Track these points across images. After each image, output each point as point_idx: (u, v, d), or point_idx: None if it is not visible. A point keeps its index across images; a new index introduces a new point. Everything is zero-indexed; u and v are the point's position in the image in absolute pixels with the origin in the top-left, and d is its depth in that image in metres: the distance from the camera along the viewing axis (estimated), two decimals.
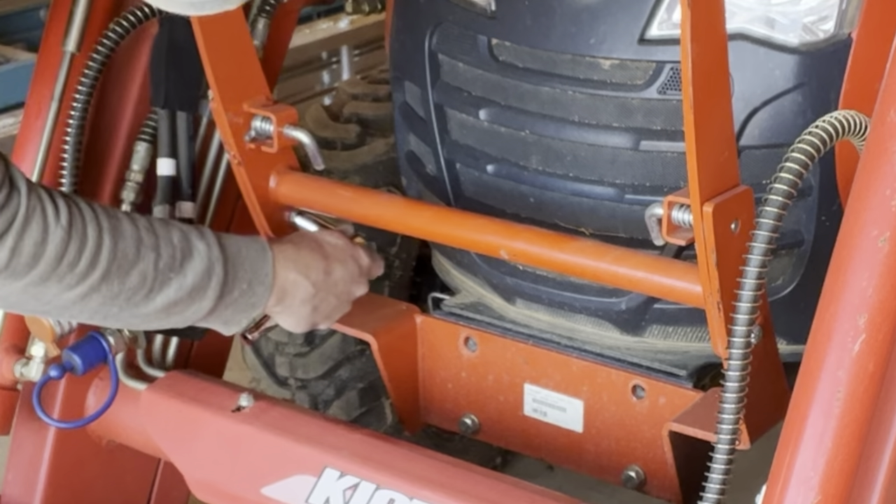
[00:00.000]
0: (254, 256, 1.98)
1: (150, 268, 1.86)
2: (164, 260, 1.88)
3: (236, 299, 1.96)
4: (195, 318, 1.94)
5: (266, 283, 1.99)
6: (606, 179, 2.08)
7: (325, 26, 4.84)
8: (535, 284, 2.22)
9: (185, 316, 1.93)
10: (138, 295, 1.86)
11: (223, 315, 1.96)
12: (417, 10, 2.25)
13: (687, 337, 2.16)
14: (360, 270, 2.13)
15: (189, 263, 1.90)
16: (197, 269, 1.90)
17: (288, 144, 2.15)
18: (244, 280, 1.96)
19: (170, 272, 1.88)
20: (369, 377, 2.77)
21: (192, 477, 2.18)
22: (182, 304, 1.90)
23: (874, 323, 1.60)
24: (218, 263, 1.92)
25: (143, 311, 1.88)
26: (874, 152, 1.64)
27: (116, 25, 2.20)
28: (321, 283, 2.07)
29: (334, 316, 2.13)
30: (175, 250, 1.89)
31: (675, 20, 1.98)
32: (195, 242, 1.92)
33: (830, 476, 1.60)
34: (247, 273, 1.96)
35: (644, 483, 2.16)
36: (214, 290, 1.92)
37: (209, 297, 1.92)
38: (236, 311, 1.98)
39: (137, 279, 1.85)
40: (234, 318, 1.98)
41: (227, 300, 1.95)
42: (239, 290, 1.96)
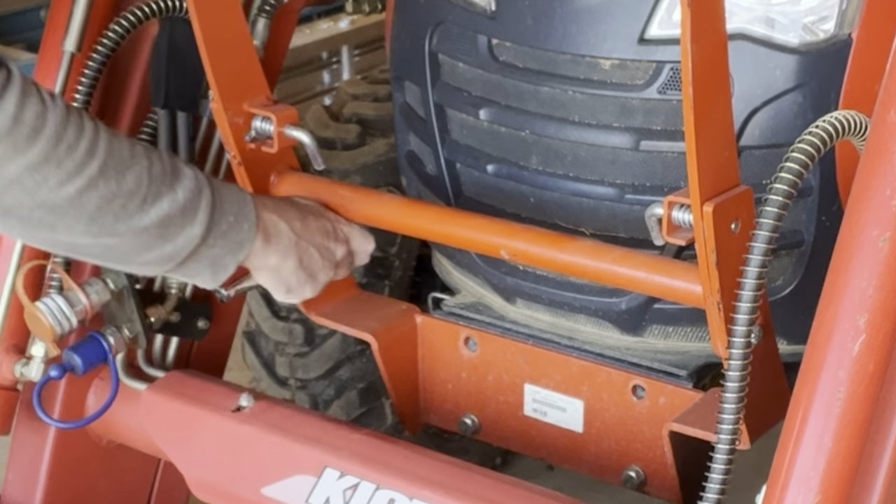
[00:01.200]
0: (235, 192, 1.94)
1: (145, 173, 1.80)
2: (156, 169, 1.82)
3: (225, 232, 1.90)
4: (187, 250, 1.87)
5: (251, 218, 1.93)
6: (606, 179, 2.08)
7: (326, 26, 4.84)
8: (535, 284, 2.22)
9: (176, 243, 1.86)
10: (134, 201, 1.79)
11: (212, 252, 1.90)
12: (417, 10, 2.25)
13: (687, 337, 2.16)
14: (336, 229, 2.09)
15: (178, 181, 1.85)
16: (187, 186, 1.85)
17: (288, 144, 2.15)
18: (230, 212, 1.91)
19: (161, 184, 1.82)
20: (369, 377, 2.77)
21: (192, 477, 2.18)
22: (175, 222, 1.84)
23: (874, 323, 1.60)
24: (206, 187, 1.88)
25: (139, 223, 1.81)
26: (874, 152, 1.64)
27: (116, 25, 2.20)
28: (300, 229, 2.02)
29: (319, 278, 2.06)
30: (165, 164, 1.84)
31: (675, 20, 1.98)
32: (180, 165, 1.88)
33: (830, 476, 1.60)
34: (232, 206, 1.91)
35: (644, 483, 2.16)
36: (205, 214, 1.86)
37: (201, 221, 1.86)
38: (225, 249, 1.91)
39: (133, 182, 1.79)
40: (222, 258, 1.91)
41: (216, 231, 1.89)
42: (227, 223, 1.90)
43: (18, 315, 2.21)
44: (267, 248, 1.97)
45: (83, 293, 2.12)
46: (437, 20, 2.21)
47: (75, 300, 2.12)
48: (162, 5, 2.21)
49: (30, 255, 2.22)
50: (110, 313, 2.20)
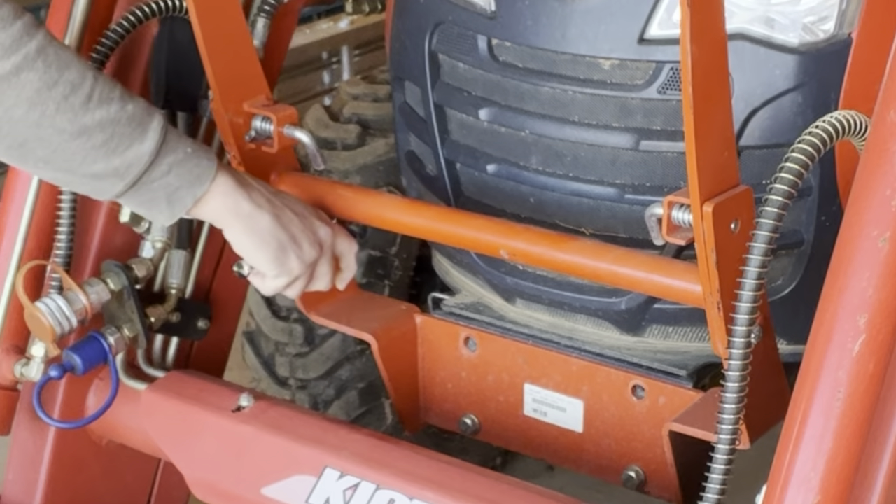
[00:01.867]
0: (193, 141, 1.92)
1: (90, 73, 1.79)
2: (104, 79, 1.81)
3: (181, 161, 1.86)
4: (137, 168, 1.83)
5: (210, 156, 1.90)
6: (606, 179, 2.08)
7: (326, 26, 4.84)
8: (535, 284, 2.22)
9: (125, 157, 1.82)
10: (77, 95, 1.77)
11: (166, 180, 1.85)
12: (417, 11, 2.26)
13: (687, 337, 2.16)
14: (315, 228, 2.03)
15: (130, 98, 1.83)
16: (139, 103, 1.83)
17: (288, 144, 2.15)
18: (188, 144, 1.88)
19: (111, 92, 1.81)
20: (369, 377, 2.77)
21: (192, 477, 2.18)
22: (122, 133, 1.81)
23: (874, 323, 1.60)
24: (158, 113, 1.86)
25: (82, 120, 1.78)
26: (874, 152, 1.64)
27: (116, 25, 2.19)
28: (273, 191, 1.99)
29: (304, 248, 1.99)
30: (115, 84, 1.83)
31: (675, 20, 1.98)
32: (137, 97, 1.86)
33: (830, 476, 1.60)
34: (189, 140, 1.89)
35: (644, 483, 2.16)
36: (157, 132, 1.84)
37: (151, 138, 1.83)
38: (181, 180, 1.87)
39: (76, 75, 1.77)
40: (178, 190, 1.87)
41: (170, 158, 1.85)
42: (183, 152, 1.87)
43: (18, 315, 2.21)
44: (237, 192, 1.92)
45: (83, 293, 2.12)
46: (437, 20, 2.22)
47: (75, 300, 2.12)
48: (162, 5, 2.21)
49: (30, 255, 2.23)
50: (110, 313, 2.20)
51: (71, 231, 2.20)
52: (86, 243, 2.28)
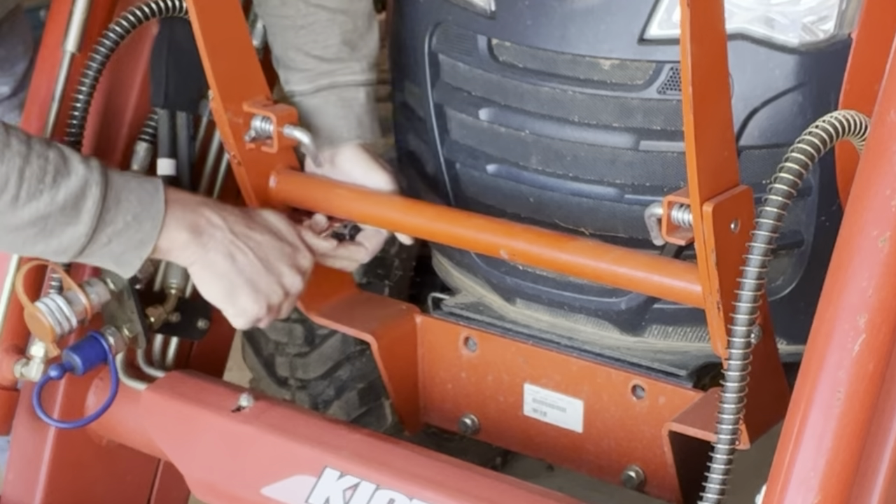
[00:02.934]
0: (142, 190, 1.94)
1: (15, 173, 1.83)
2: (32, 169, 1.85)
3: (120, 231, 1.91)
4: (76, 247, 1.89)
5: (156, 218, 1.93)
6: (606, 179, 2.08)
7: None
8: (535, 284, 2.22)
9: (62, 240, 1.89)
10: (1, 201, 1.83)
11: (108, 249, 1.91)
12: (417, 11, 2.26)
13: (687, 337, 2.16)
14: (297, 257, 2.08)
15: (63, 180, 1.87)
16: (71, 186, 1.87)
17: (288, 144, 2.15)
18: (128, 212, 1.91)
19: (39, 184, 1.85)
20: (369, 377, 2.77)
21: (192, 477, 2.18)
22: (55, 222, 1.87)
23: (874, 323, 1.60)
24: (96, 186, 1.89)
25: (12, 221, 1.85)
26: (874, 152, 1.64)
27: (116, 25, 2.19)
28: (240, 232, 2.02)
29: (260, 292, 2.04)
30: (48, 164, 1.86)
31: (674, 20, 1.98)
32: (74, 163, 1.89)
33: (830, 476, 1.60)
34: (132, 205, 1.92)
35: (644, 483, 2.16)
36: (90, 214, 1.88)
37: (84, 221, 1.88)
38: (124, 247, 1.92)
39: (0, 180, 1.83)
40: (122, 255, 1.93)
41: (109, 230, 1.90)
42: (123, 222, 1.91)
43: (18, 315, 2.21)
44: (189, 244, 1.98)
45: (83, 293, 2.12)
46: (436, 20, 2.22)
47: (75, 300, 2.12)
48: (162, 5, 2.20)
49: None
50: (110, 313, 2.19)
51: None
52: None
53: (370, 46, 2.19)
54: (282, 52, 2.18)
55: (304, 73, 2.16)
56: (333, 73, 2.16)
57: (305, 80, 2.16)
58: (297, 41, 2.16)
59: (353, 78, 2.17)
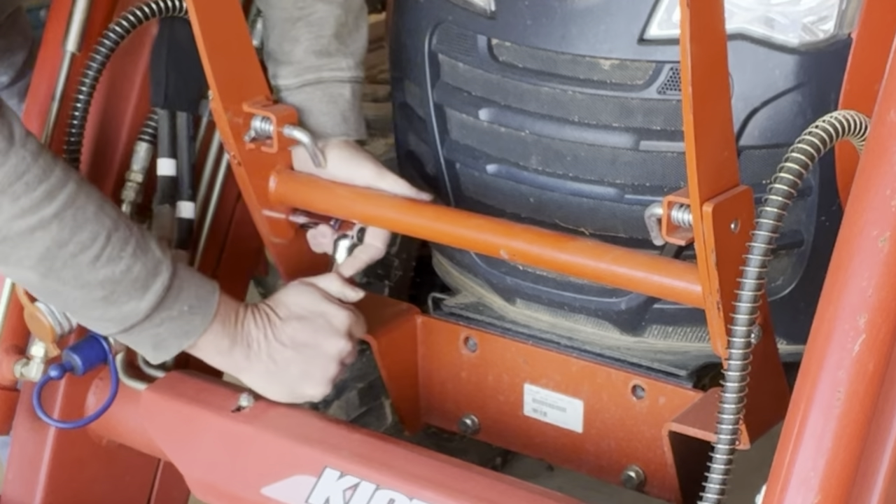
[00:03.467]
0: (201, 287, 2.01)
1: (104, 234, 1.89)
2: (118, 235, 1.91)
3: (174, 318, 1.98)
4: (131, 321, 1.96)
5: (207, 315, 2.00)
6: (606, 179, 2.08)
7: None
8: (535, 284, 2.22)
9: (122, 310, 1.94)
10: (86, 255, 1.88)
11: (156, 331, 1.98)
12: (417, 10, 2.26)
13: (687, 337, 2.16)
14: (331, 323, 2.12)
15: (141, 254, 1.93)
16: (148, 262, 1.93)
17: (288, 144, 2.15)
18: (185, 301, 1.98)
19: (121, 251, 1.91)
20: (369, 377, 2.77)
21: (192, 477, 2.18)
22: (122, 290, 1.92)
23: (874, 323, 1.60)
24: (166, 270, 1.95)
25: (85, 276, 1.90)
26: (874, 152, 1.64)
27: (116, 25, 2.19)
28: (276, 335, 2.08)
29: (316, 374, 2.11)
30: (132, 235, 1.93)
31: (674, 20, 1.98)
32: (153, 244, 1.96)
33: (830, 476, 1.60)
34: (190, 297, 1.99)
35: (644, 483, 2.16)
36: (156, 294, 1.94)
37: (149, 299, 1.94)
38: (170, 333, 1.99)
39: (89, 236, 1.88)
40: (165, 340, 2.00)
41: (164, 314, 1.97)
42: (178, 310, 1.98)
43: (18, 315, 2.21)
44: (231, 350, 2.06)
45: None
46: (436, 20, 2.22)
47: None
48: (162, 5, 2.20)
49: None
50: None
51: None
52: None
53: (358, 44, 2.20)
54: (276, 45, 2.18)
55: (293, 67, 2.17)
56: (321, 67, 2.17)
57: (293, 74, 2.17)
58: (293, 32, 2.16)
59: (340, 74, 2.18)
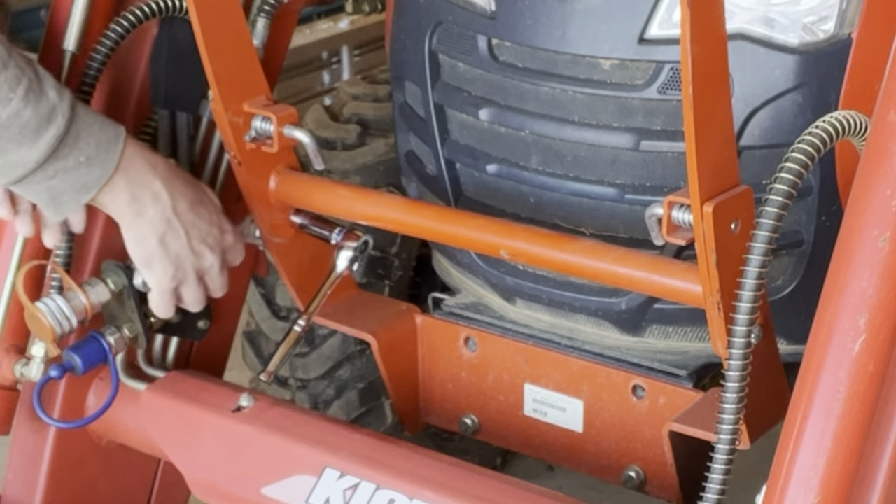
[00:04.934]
0: (103, 134, 1.90)
1: None
2: (6, 76, 1.78)
3: (69, 169, 1.86)
4: (20, 171, 1.83)
5: (107, 168, 1.89)
6: (606, 179, 2.08)
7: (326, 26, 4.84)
8: (535, 284, 2.22)
9: (9, 158, 1.82)
10: None
11: (50, 184, 1.86)
12: (417, 10, 2.26)
13: (687, 337, 2.16)
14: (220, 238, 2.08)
15: (33, 98, 1.81)
16: (40, 108, 1.81)
17: (288, 144, 2.15)
18: (82, 152, 1.87)
19: (10, 92, 1.79)
20: (369, 377, 2.77)
21: (192, 477, 2.18)
22: (9, 136, 1.81)
23: (874, 323, 1.60)
24: (62, 117, 1.84)
25: None
26: (874, 152, 1.64)
27: (116, 25, 2.19)
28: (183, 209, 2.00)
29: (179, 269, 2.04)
30: (22, 77, 1.80)
31: (675, 20, 1.98)
32: (48, 87, 1.83)
33: (830, 476, 1.60)
34: (89, 146, 1.87)
35: (644, 483, 2.16)
36: (48, 143, 1.83)
37: (40, 147, 1.83)
38: (66, 186, 1.88)
39: None
40: (61, 194, 1.89)
41: (58, 165, 1.85)
42: (74, 161, 1.86)
43: (18, 315, 2.21)
44: (128, 205, 1.96)
45: (83, 293, 2.12)
46: (437, 20, 2.22)
47: (75, 300, 2.12)
48: (162, 5, 2.20)
49: (30, 255, 2.22)
50: (110, 313, 2.19)
51: (71, 231, 2.20)
52: (86, 243, 2.27)
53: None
54: None
55: None
56: None
57: None
58: None
59: None
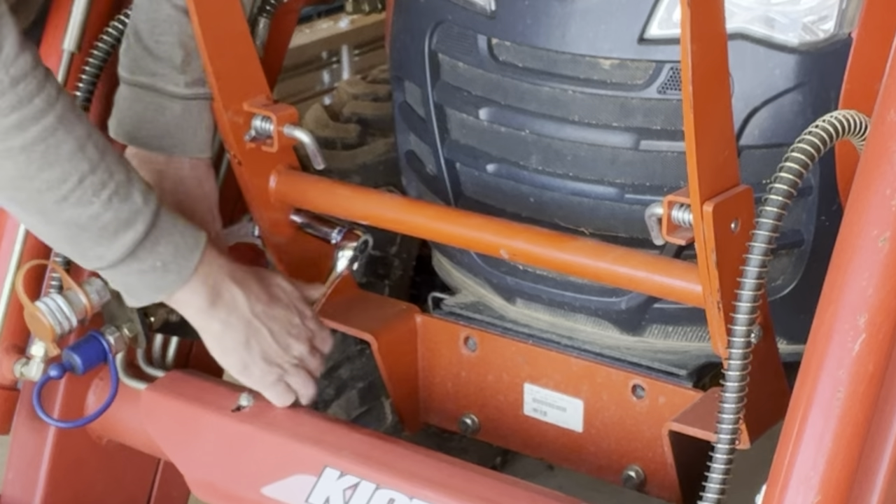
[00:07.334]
0: (182, 242, 1.92)
1: (76, 176, 1.81)
2: (93, 179, 1.82)
3: (145, 272, 1.90)
4: (96, 265, 1.89)
5: (183, 275, 1.93)
6: (606, 179, 2.08)
7: (326, 26, 4.84)
8: (535, 284, 2.22)
9: (87, 253, 1.88)
10: (50, 195, 1.81)
11: (125, 280, 1.91)
12: (417, 10, 2.26)
13: (687, 336, 2.16)
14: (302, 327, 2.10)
15: (117, 201, 1.84)
16: (121, 212, 1.85)
17: (288, 144, 2.15)
18: (159, 258, 1.90)
19: (93, 195, 1.82)
20: (369, 377, 2.77)
21: (192, 477, 2.18)
22: (89, 236, 1.85)
23: (874, 323, 1.60)
24: (142, 223, 1.87)
25: (49, 215, 1.83)
26: (874, 152, 1.64)
27: (117, 23, 2.19)
28: (261, 310, 2.04)
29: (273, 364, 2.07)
30: (110, 181, 1.83)
31: (675, 20, 1.98)
32: (135, 192, 1.86)
33: (830, 476, 1.60)
34: (167, 253, 1.90)
35: (644, 483, 2.16)
36: (125, 246, 1.86)
37: (116, 250, 1.86)
38: (141, 285, 1.92)
39: (58, 176, 1.79)
40: (136, 290, 1.93)
41: (135, 266, 1.89)
42: (150, 265, 1.90)
43: (18, 315, 2.21)
44: (206, 311, 1.99)
45: (83, 293, 2.12)
46: (437, 20, 2.22)
47: (75, 300, 2.11)
48: None
49: (30, 255, 2.22)
50: (110, 313, 2.19)
51: None
52: None
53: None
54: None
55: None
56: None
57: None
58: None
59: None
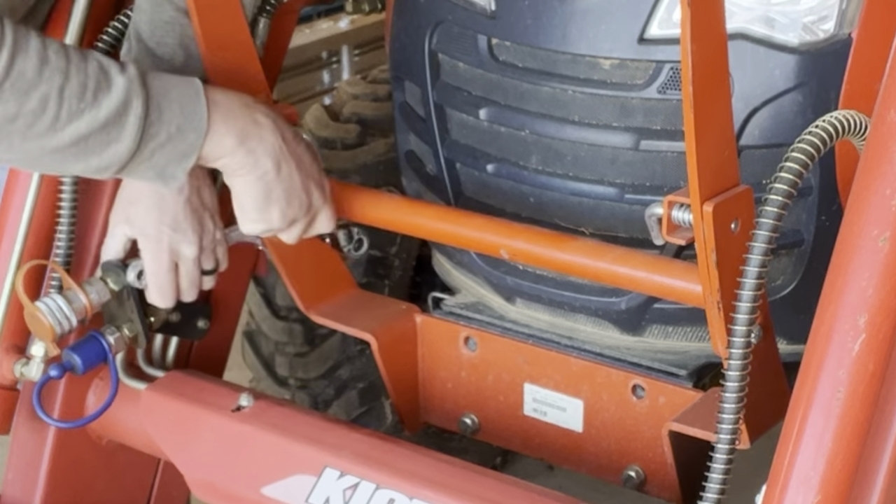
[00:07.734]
0: (184, 97, 1.86)
1: (55, 93, 1.75)
2: (72, 87, 1.76)
3: (164, 144, 1.83)
4: (117, 164, 1.82)
5: (200, 128, 1.85)
6: (606, 179, 2.09)
7: (325, 26, 4.84)
8: (535, 284, 2.22)
9: (102, 158, 1.81)
10: (41, 123, 1.75)
11: (153, 163, 1.84)
12: (417, 10, 2.26)
13: (687, 336, 2.16)
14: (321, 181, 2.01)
15: (104, 96, 1.78)
16: (112, 102, 1.79)
17: None
18: (171, 122, 1.83)
19: (80, 102, 1.76)
20: (369, 377, 2.77)
21: (192, 477, 2.18)
22: (97, 140, 1.79)
23: (874, 323, 1.60)
24: (137, 99, 1.81)
25: (51, 143, 1.77)
26: (874, 152, 1.64)
27: (117, 23, 2.20)
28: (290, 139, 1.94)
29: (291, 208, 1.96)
30: (88, 79, 1.78)
31: (675, 20, 1.98)
32: (114, 75, 1.80)
33: (830, 476, 1.60)
34: (174, 115, 1.84)
35: (644, 483, 2.16)
36: (133, 130, 1.80)
37: (127, 139, 1.80)
38: (167, 159, 1.84)
39: (37, 103, 1.74)
40: (166, 168, 1.85)
41: (152, 145, 1.82)
42: (167, 134, 1.83)
43: (18, 315, 2.21)
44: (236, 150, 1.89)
45: (83, 293, 2.12)
46: (437, 20, 2.22)
47: (75, 300, 2.12)
48: None
49: (30, 255, 2.22)
50: (110, 313, 2.19)
51: (71, 230, 2.20)
52: (86, 243, 2.27)
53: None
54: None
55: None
56: None
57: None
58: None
59: None
